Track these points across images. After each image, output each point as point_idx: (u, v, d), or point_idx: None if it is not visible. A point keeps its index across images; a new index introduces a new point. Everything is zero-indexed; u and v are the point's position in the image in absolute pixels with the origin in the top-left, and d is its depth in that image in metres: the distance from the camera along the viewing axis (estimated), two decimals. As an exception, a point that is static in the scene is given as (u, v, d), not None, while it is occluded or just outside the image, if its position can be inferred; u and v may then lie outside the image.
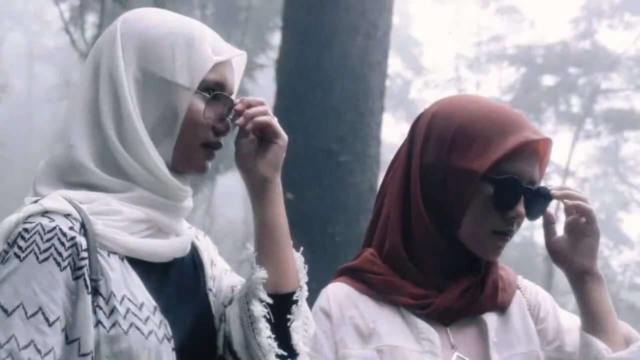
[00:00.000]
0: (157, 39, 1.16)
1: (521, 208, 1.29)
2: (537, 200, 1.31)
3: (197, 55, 1.16)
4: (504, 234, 1.31)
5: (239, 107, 1.18)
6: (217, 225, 13.89)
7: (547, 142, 1.32)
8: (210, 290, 1.25)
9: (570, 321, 1.39)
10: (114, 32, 1.17)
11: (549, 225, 1.37)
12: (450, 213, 1.31)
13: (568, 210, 1.33)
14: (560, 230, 1.38)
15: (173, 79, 1.14)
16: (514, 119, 1.32)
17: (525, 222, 1.31)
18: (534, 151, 1.31)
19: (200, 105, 1.16)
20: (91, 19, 9.05)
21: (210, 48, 1.17)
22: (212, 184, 13.32)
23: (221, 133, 1.19)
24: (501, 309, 1.36)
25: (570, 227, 1.33)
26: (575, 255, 1.33)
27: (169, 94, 1.15)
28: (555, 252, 1.35)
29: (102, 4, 7.42)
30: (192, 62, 1.15)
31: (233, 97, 1.22)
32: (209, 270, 1.27)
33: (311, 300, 1.35)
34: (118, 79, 1.14)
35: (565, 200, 1.32)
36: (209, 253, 1.30)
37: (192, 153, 1.18)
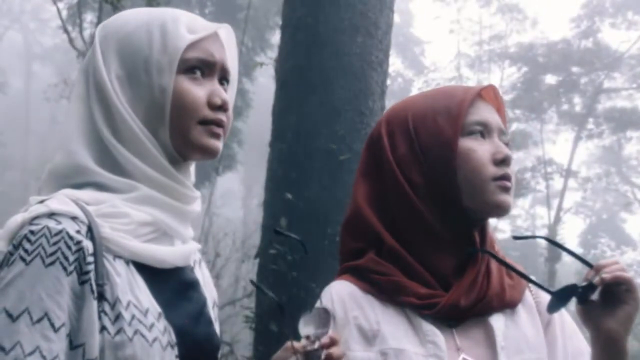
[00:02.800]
0: (132, 32, 1.17)
1: (504, 148, 1.32)
2: (589, 293, 1.25)
3: (171, 37, 1.16)
4: (503, 178, 1.30)
5: (325, 343, 1.13)
6: (216, 225, 13.88)
7: (495, 90, 1.40)
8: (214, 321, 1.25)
9: (577, 344, 1.34)
10: (94, 42, 1.20)
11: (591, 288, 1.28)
12: (444, 188, 1.30)
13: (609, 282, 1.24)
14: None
15: (153, 64, 1.15)
16: (456, 86, 1.41)
17: (525, 223, 1.25)
18: (487, 102, 1.37)
19: (185, 83, 1.16)
20: (89, 17, 9.06)
21: (184, 28, 1.17)
22: (212, 185, 13.32)
23: (218, 108, 1.17)
24: (510, 307, 1.32)
25: (607, 294, 1.25)
26: (608, 320, 1.24)
27: (152, 80, 1.15)
28: (587, 312, 1.26)
29: (100, 2, 7.40)
30: (167, 44, 1.16)
31: (234, 75, 1.24)
32: (209, 302, 1.26)
33: (311, 300, 1.33)
34: (101, 82, 1.16)
35: (604, 276, 1.23)
36: (212, 293, 1.29)
37: (190, 133, 1.16)
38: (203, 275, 1.28)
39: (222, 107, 1.18)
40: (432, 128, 1.32)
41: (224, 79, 1.22)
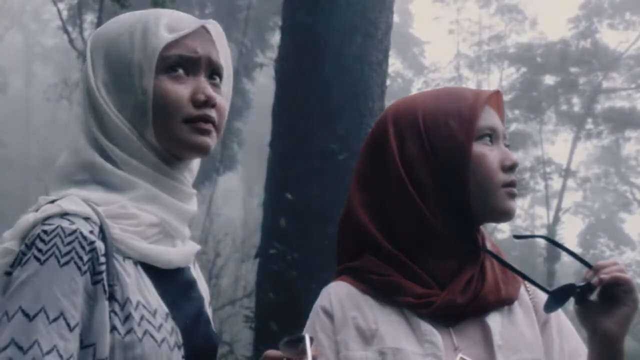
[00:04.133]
0: (117, 37, 1.18)
1: (511, 155, 1.34)
2: (587, 293, 1.26)
3: (150, 37, 1.16)
4: (512, 185, 1.32)
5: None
6: (216, 225, 13.87)
7: (499, 95, 1.41)
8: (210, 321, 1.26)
9: (574, 345, 1.35)
10: (87, 49, 1.21)
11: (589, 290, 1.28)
12: (455, 191, 1.30)
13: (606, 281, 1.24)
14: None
15: (134, 66, 1.15)
16: (463, 89, 1.41)
17: (525, 223, 1.27)
18: (491, 106, 1.38)
19: (166, 83, 1.15)
20: (89, 18, 9.05)
21: (165, 27, 1.17)
22: (212, 185, 13.33)
23: (202, 105, 1.17)
24: (507, 303, 1.33)
25: (606, 294, 1.25)
26: (606, 320, 1.24)
27: (134, 82, 1.15)
28: (585, 312, 1.27)
29: (101, 2, 7.41)
30: (147, 45, 1.16)
31: (228, 69, 1.23)
32: (206, 301, 1.27)
33: (311, 301, 1.34)
34: (90, 89, 1.18)
35: (603, 276, 1.23)
36: (206, 293, 1.30)
37: (175, 133, 1.16)
38: (198, 275, 1.29)
39: (207, 103, 1.16)
40: (445, 130, 1.31)
41: (215, 74, 1.21)
